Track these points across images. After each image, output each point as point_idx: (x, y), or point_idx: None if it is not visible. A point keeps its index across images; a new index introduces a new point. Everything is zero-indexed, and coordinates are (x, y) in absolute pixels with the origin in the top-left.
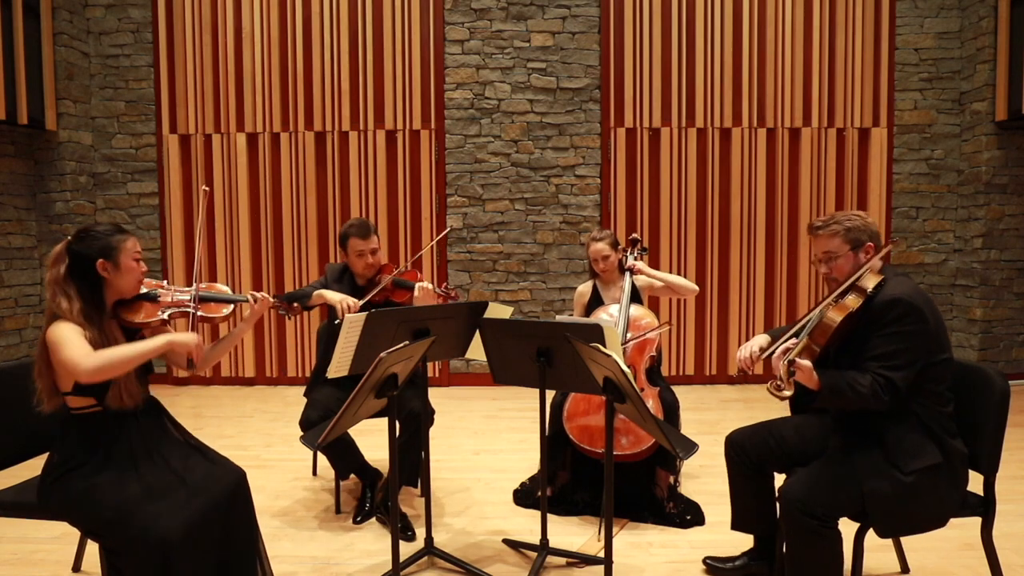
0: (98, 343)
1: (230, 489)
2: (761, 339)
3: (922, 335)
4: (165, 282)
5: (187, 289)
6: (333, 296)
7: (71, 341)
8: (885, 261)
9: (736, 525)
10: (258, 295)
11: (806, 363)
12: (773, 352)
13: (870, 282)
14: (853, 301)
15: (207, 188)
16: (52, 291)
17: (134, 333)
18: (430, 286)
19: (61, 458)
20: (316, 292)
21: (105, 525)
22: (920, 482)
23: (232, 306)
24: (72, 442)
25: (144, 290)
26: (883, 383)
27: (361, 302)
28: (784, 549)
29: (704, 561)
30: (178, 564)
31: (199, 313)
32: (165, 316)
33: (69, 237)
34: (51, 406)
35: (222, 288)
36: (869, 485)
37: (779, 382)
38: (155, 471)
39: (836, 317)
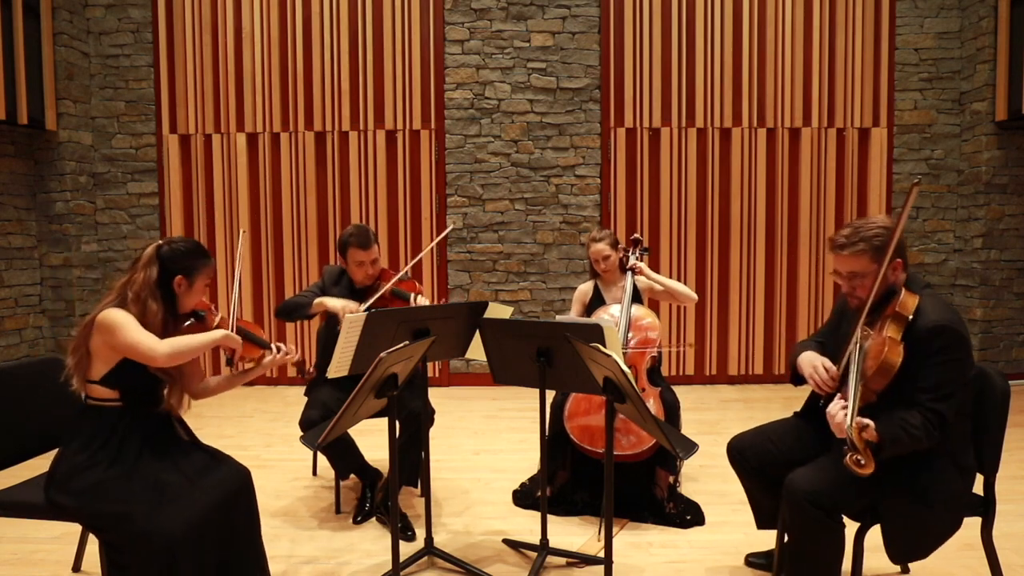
0: None
1: (235, 489)
2: (816, 357)
3: (966, 362)
4: (213, 306)
5: (232, 318)
6: (335, 303)
7: (138, 327)
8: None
9: (761, 524)
10: (283, 347)
11: (869, 423)
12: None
13: (910, 305)
14: (896, 332)
15: (245, 231)
16: (142, 291)
17: None
18: (426, 302)
19: (72, 453)
20: (317, 301)
21: (112, 521)
22: (940, 512)
23: (260, 351)
24: (85, 436)
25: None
26: (933, 419)
27: (363, 306)
28: (779, 544)
29: (746, 559)
30: (182, 562)
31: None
32: None
33: (160, 242)
34: (80, 385)
35: (258, 328)
36: (890, 516)
37: (858, 457)
38: (164, 470)
39: (895, 359)
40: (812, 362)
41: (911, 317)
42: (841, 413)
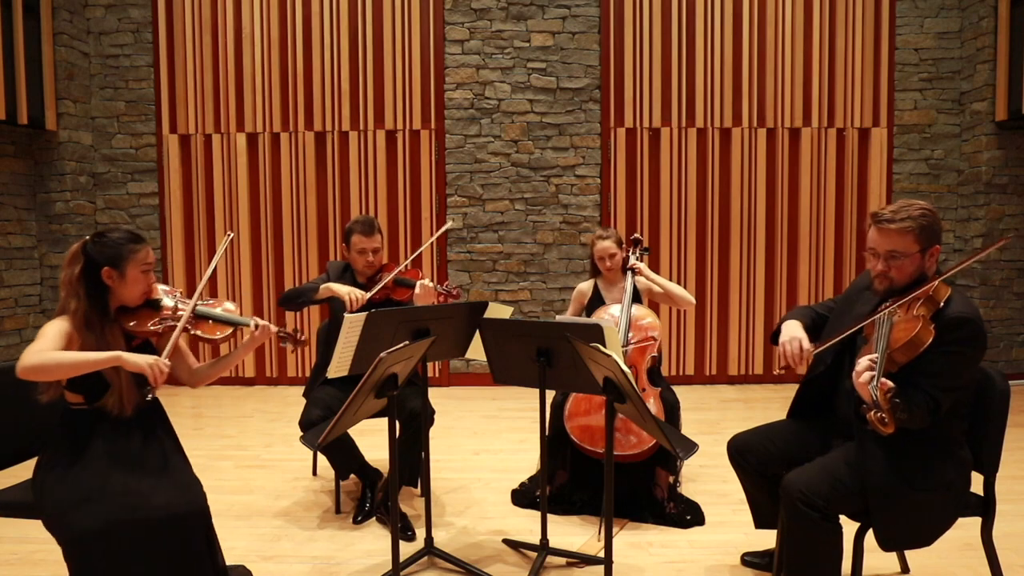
0: (96, 348)
1: (183, 512)
2: (798, 329)
3: (977, 360)
4: (178, 292)
5: (191, 302)
6: (340, 289)
7: (44, 337)
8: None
9: (759, 524)
10: (260, 323)
11: (893, 385)
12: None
13: (943, 293)
14: (927, 311)
15: (232, 234)
16: (65, 290)
17: (132, 339)
18: (431, 284)
19: (46, 455)
20: (323, 286)
21: (50, 518)
22: (931, 499)
23: (231, 328)
24: (58, 438)
25: (155, 296)
26: (932, 405)
27: (368, 294)
28: (779, 544)
29: (743, 558)
30: (95, 559)
31: (194, 331)
32: (160, 328)
33: (87, 237)
34: (48, 396)
35: (229, 307)
36: (879, 499)
37: (883, 415)
38: (119, 480)
39: (926, 337)
40: (793, 333)
41: (942, 304)
42: (867, 374)
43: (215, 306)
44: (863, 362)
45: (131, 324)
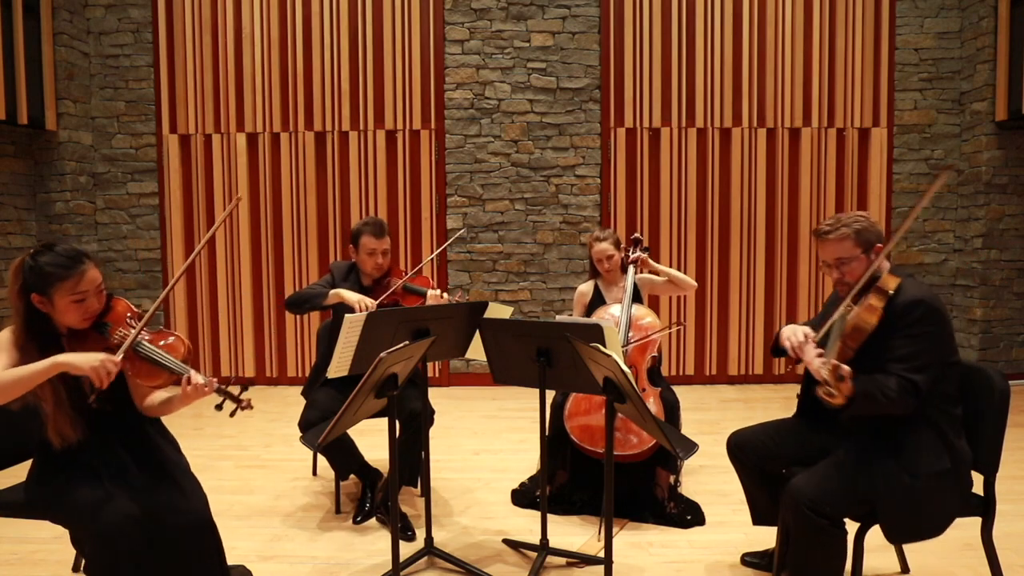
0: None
1: (182, 526)
2: (802, 327)
3: (942, 337)
4: (139, 313)
5: (132, 334)
6: (351, 296)
7: None
8: (888, 257)
9: (757, 520)
10: (196, 380)
11: (847, 369)
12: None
13: (891, 283)
14: (877, 301)
15: (240, 196)
16: (10, 305)
17: None
18: (441, 293)
19: (35, 459)
20: (333, 291)
21: (59, 517)
22: (930, 486)
23: (164, 375)
24: (40, 443)
25: (106, 320)
26: (908, 386)
27: (377, 302)
28: (779, 544)
29: (742, 558)
30: (116, 548)
31: (126, 370)
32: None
33: (32, 250)
34: (19, 403)
35: (172, 343)
36: (881, 490)
37: (830, 388)
38: (116, 490)
39: (871, 319)
40: (793, 329)
41: (892, 292)
42: (818, 360)
43: (158, 346)
44: (814, 351)
45: (75, 350)
